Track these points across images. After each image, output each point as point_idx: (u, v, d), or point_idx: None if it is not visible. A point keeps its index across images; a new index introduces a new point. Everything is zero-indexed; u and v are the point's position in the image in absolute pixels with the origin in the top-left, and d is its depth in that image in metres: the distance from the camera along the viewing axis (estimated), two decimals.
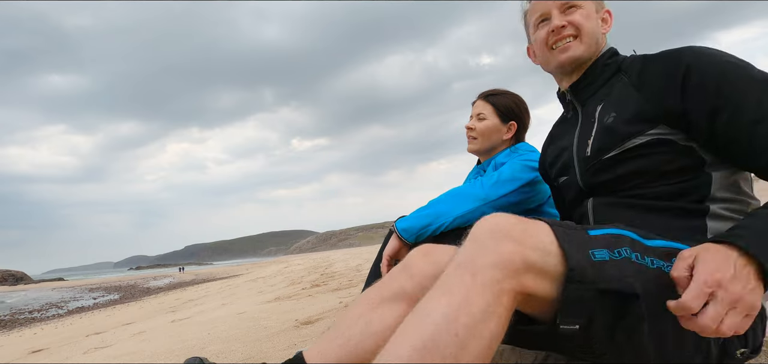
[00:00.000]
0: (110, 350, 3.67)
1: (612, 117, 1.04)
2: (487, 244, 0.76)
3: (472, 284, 0.73)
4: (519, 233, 0.77)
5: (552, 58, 1.18)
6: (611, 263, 0.80)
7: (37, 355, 4.63)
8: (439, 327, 0.71)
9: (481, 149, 1.79)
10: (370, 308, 0.99)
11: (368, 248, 30.80)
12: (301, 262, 24.36)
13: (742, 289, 0.71)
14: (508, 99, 1.79)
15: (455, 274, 0.76)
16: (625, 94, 1.05)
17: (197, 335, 3.27)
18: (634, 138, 0.99)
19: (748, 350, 0.90)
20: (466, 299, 0.72)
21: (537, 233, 0.79)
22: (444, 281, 0.76)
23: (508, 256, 0.74)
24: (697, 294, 0.71)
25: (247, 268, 34.58)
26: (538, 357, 1.33)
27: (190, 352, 2.64)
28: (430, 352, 0.69)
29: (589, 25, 1.13)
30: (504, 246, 0.75)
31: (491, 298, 0.72)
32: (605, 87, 1.12)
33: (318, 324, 2.87)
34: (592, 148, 1.07)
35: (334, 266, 11.97)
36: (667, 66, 0.98)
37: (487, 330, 0.71)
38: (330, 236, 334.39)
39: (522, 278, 0.75)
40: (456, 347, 0.69)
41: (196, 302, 8.04)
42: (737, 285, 0.70)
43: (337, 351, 0.94)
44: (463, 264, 0.76)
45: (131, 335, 4.38)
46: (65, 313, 12.50)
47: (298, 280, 8.38)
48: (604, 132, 1.05)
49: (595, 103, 1.12)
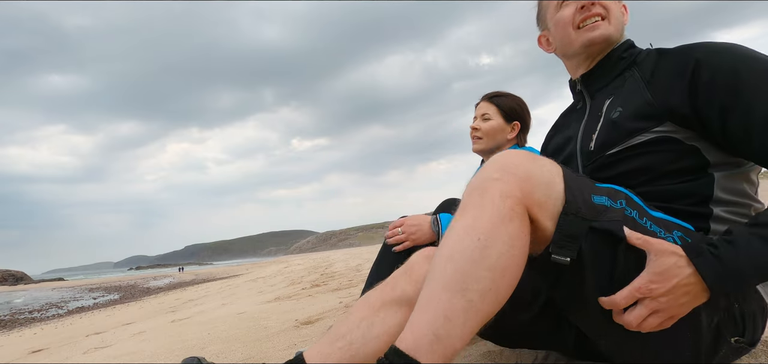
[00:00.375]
0: (110, 350, 3.67)
1: (618, 112, 1.03)
2: (494, 171, 0.84)
3: (482, 199, 0.82)
4: (526, 164, 0.84)
5: (578, 38, 1.14)
6: (609, 209, 0.85)
7: (37, 355, 4.63)
8: (460, 236, 0.81)
9: (486, 149, 1.87)
10: (372, 312, 0.99)
11: (368, 248, 30.82)
12: (301, 262, 24.36)
13: (669, 302, 0.78)
14: (511, 100, 1.87)
15: (467, 197, 0.85)
16: (634, 89, 1.04)
17: (197, 335, 3.27)
18: (639, 135, 0.98)
19: (745, 341, 0.91)
20: (481, 210, 0.81)
21: (544, 166, 0.86)
22: (459, 208, 0.86)
23: (514, 181, 0.82)
24: (627, 297, 0.80)
25: (247, 268, 34.60)
26: (538, 357, 1.33)
27: (190, 352, 2.64)
28: (457, 259, 0.79)
29: (617, 9, 1.13)
30: (510, 173, 0.82)
31: (501, 204, 0.80)
32: (618, 80, 1.11)
33: (318, 324, 2.87)
34: (596, 143, 1.07)
35: (334, 266, 11.96)
36: (677, 62, 0.97)
37: (504, 230, 0.79)
38: (330, 236, 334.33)
39: (527, 200, 0.82)
40: (479, 248, 0.78)
41: (196, 302, 8.04)
42: (667, 299, 0.78)
43: (337, 354, 0.94)
44: (473, 187, 0.85)
45: (131, 335, 4.38)
46: (65, 313, 12.49)
47: (298, 280, 8.38)
48: (609, 127, 1.04)
49: (605, 96, 1.11)
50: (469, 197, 0.85)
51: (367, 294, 1.05)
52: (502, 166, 0.84)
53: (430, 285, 0.81)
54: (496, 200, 0.80)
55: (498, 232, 0.79)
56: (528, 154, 0.86)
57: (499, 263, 0.78)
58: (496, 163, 0.85)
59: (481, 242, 0.78)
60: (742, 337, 0.90)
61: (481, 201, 0.82)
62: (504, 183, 0.81)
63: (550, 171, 0.85)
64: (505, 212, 0.79)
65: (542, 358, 1.32)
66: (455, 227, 0.83)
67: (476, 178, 0.86)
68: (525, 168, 0.83)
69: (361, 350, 0.95)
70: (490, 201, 0.81)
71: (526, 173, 0.82)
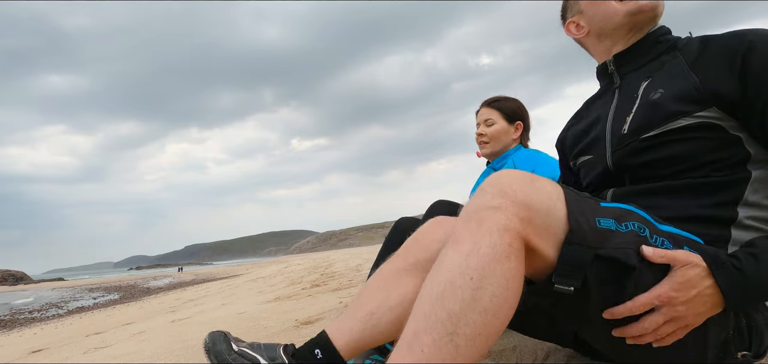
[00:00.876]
0: (110, 350, 3.67)
1: (659, 93, 0.97)
2: (492, 197, 0.78)
3: (478, 231, 0.75)
4: (526, 188, 0.78)
5: (622, 6, 1.07)
6: (616, 233, 0.80)
7: (37, 355, 4.63)
8: (452, 274, 0.74)
9: (494, 152, 1.93)
10: (387, 282, 1.02)
11: (368, 248, 30.80)
12: (301, 262, 24.35)
13: (687, 311, 0.77)
14: (510, 103, 1.95)
15: (462, 226, 0.78)
16: (677, 72, 0.98)
17: (197, 335, 3.27)
18: (681, 118, 0.92)
19: (751, 354, 0.89)
20: (475, 244, 0.74)
21: (544, 189, 0.80)
22: (453, 236, 0.79)
23: (512, 210, 0.76)
24: (645, 303, 0.78)
25: (247, 268, 34.58)
26: (538, 357, 1.33)
27: (190, 352, 2.64)
28: (448, 298, 0.72)
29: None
30: (509, 199, 0.77)
31: (498, 239, 0.74)
32: (654, 63, 1.05)
33: (318, 324, 2.87)
34: (631, 125, 1.00)
35: (334, 266, 11.96)
36: (728, 46, 0.91)
37: (500, 269, 0.73)
38: (330, 236, 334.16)
39: (526, 229, 0.76)
40: (472, 288, 0.72)
41: (196, 302, 8.04)
42: (685, 308, 0.77)
43: (359, 326, 0.97)
44: (469, 215, 0.79)
45: (131, 335, 4.38)
46: (65, 313, 12.49)
47: (298, 280, 8.37)
48: (647, 108, 0.98)
49: (640, 78, 1.05)
50: (465, 226, 0.78)
51: (380, 267, 1.07)
52: (500, 192, 0.78)
53: (415, 324, 0.74)
54: (494, 234, 0.74)
55: (493, 271, 0.73)
56: (526, 176, 0.81)
57: (491, 305, 0.72)
58: (494, 187, 0.79)
59: (474, 283, 0.72)
60: (748, 351, 0.89)
61: (478, 232, 0.75)
62: (502, 213, 0.75)
63: (549, 195, 0.80)
64: (501, 249, 0.73)
65: (542, 358, 1.32)
66: (447, 261, 0.76)
67: (473, 203, 0.80)
68: (524, 193, 0.78)
69: (382, 320, 0.98)
70: (487, 233, 0.74)
71: (526, 199, 0.77)
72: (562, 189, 0.83)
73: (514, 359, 1.37)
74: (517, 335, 1.52)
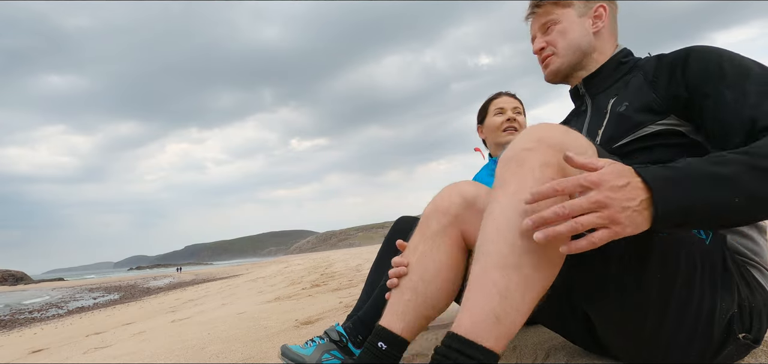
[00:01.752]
0: (110, 350, 3.67)
1: (624, 106, 1.06)
2: (529, 141, 0.81)
3: (520, 170, 0.79)
4: (560, 136, 0.82)
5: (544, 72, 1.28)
6: None
7: (37, 355, 4.63)
8: (506, 213, 0.78)
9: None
10: (419, 253, 1.05)
11: (368, 248, 30.80)
12: (301, 262, 24.35)
13: (615, 201, 0.70)
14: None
15: (504, 169, 0.83)
16: (639, 87, 1.07)
17: (197, 335, 3.27)
18: (645, 127, 1.00)
19: (751, 338, 0.91)
20: (522, 180, 0.79)
21: (578, 139, 0.84)
22: (497, 180, 0.83)
23: (550, 151, 0.79)
24: (572, 184, 0.72)
25: (247, 268, 34.59)
26: (538, 357, 1.33)
27: (189, 352, 2.64)
28: (505, 233, 0.77)
29: (565, 42, 1.21)
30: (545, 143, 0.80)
31: (540, 175, 0.78)
32: (619, 83, 1.15)
33: (318, 324, 2.87)
34: (603, 137, 1.08)
35: (334, 266, 11.96)
36: (674, 60, 1.01)
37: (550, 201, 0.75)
38: (330, 236, 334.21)
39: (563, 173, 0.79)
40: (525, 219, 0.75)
41: (196, 302, 8.04)
42: (613, 195, 0.70)
43: (412, 306, 1.02)
44: (509, 158, 0.83)
45: (131, 335, 4.38)
46: (65, 313, 12.49)
47: (298, 280, 8.38)
48: (616, 120, 1.07)
49: (608, 97, 1.14)
50: (506, 168, 0.82)
51: (410, 241, 1.10)
52: (537, 138, 0.81)
53: (481, 263, 0.79)
54: (536, 169, 0.78)
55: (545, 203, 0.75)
56: (560, 126, 0.85)
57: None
58: (529, 135, 0.82)
59: (526, 212, 0.76)
60: (749, 333, 0.90)
61: (521, 171, 0.79)
62: (540, 153, 0.79)
63: (582, 145, 0.83)
64: (546, 181, 0.76)
65: (542, 358, 1.32)
66: (497, 205, 0.80)
67: (511, 149, 0.83)
68: (559, 139, 0.81)
69: (428, 291, 1.03)
70: (529, 170, 0.78)
71: (561, 143, 0.80)
72: (592, 144, 0.85)
73: (514, 359, 1.37)
74: (517, 335, 1.52)
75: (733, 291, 0.88)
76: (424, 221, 1.08)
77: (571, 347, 1.30)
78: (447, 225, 1.04)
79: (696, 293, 0.85)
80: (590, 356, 1.20)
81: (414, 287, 1.03)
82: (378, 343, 1.00)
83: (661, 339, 0.89)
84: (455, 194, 1.07)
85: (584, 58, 1.21)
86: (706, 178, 0.73)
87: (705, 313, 0.86)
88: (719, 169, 0.73)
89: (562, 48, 1.21)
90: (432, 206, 1.09)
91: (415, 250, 1.06)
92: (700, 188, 0.72)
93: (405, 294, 1.03)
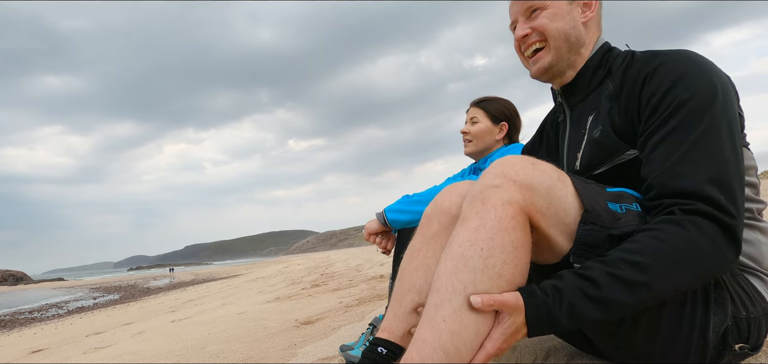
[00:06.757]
0: (110, 350, 3.67)
1: (599, 130, 1.02)
2: (494, 178, 0.83)
3: (483, 208, 0.81)
4: (526, 170, 0.83)
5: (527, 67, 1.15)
6: (621, 214, 0.86)
7: (37, 355, 4.64)
8: (463, 248, 0.80)
9: (476, 151, 1.96)
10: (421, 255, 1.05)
11: (368, 248, 30.78)
12: (301, 262, 24.35)
13: (508, 342, 0.78)
14: (497, 104, 1.97)
15: (468, 206, 0.84)
16: (610, 105, 1.01)
17: (197, 335, 3.27)
18: (622, 154, 0.97)
19: (748, 347, 0.90)
20: (482, 219, 0.81)
21: (544, 171, 0.84)
22: (461, 216, 0.85)
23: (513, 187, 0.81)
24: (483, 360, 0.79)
25: (247, 268, 34.58)
26: (538, 357, 1.33)
27: (190, 352, 2.64)
28: (461, 269, 0.79)
29: (555, 29, 1.06)
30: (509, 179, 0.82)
31: (502, 212, 0.80)
32: (598, 91, 1.07)
33: (318, 324, 2.88)
34: (582, 161, 1.06)
35: (334, 266, 11.96)
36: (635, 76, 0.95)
37: (507, 238, 0.79)
38: (330, 236, 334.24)
39: (529, 206, 0.81)
40: (483, 258, 0.78)
41: (196, 302, 8.04)
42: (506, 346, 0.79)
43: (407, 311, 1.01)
44: (474, 196, 0.84)
45: (131, 335, 4.38)
46: (65, 313, 12.49)
47: (298, 280, 8.38)
48: (593, 145, 1.03)
49: (587, 111, 1.08)
50: (471, 206, 0.83)
51: (409, 246, 1.10)
52: (502, 173, 0.83)
53: (434, 298, 0.80)
54: (498, 209, 0.80)
55: (501, 240, 0.78)
56: (527, 159, 0.85)
57: (505, 271, 0.78)
58: (495, 170, 0.84)
59: (485, 252, 0.78)
60: (746, 343, 0.89)
61: (483, 209, 0.81)
62: (504, 190, 0.81)
63: (550, 176, 0.84)
64: (507, 221, 0.79)
65: (542, 357, 1.32)
66: (457, 238, 0.82)
67: (477, 186, 0.85)
68: (525, 174, 0.82)
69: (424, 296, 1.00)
70: (492, 208, 0.80)
71: (527, 180, 0.81)
72: (564, 174, 0.87)
73: (514, 359, 1.37)
74: None
75: (726, 306, 0.86)
76: (425, 221, 1.08)
77: (571, 348, 1.30)
78: (448, 225, 1.04)
79: (687, 314, 0.84)
80: (590, 357, 1.20)
81: (419, 288, 1.02)
82: (378, 348, 0.99)
83: (655, 355, 0.89)
84: (455, 194, 1.06)
85: (571, 53, 1.08)
86: (581, 311, 0.77)
87: (698, 331, 0.84)
88: (592, 292, 0.77)
89: (553, 36, 1.06)
90: (432, 206, 1.09)
91: (418, 252, 1.06)
92: (569, 316, 0.77)
93: (408, 295, 1.02)
